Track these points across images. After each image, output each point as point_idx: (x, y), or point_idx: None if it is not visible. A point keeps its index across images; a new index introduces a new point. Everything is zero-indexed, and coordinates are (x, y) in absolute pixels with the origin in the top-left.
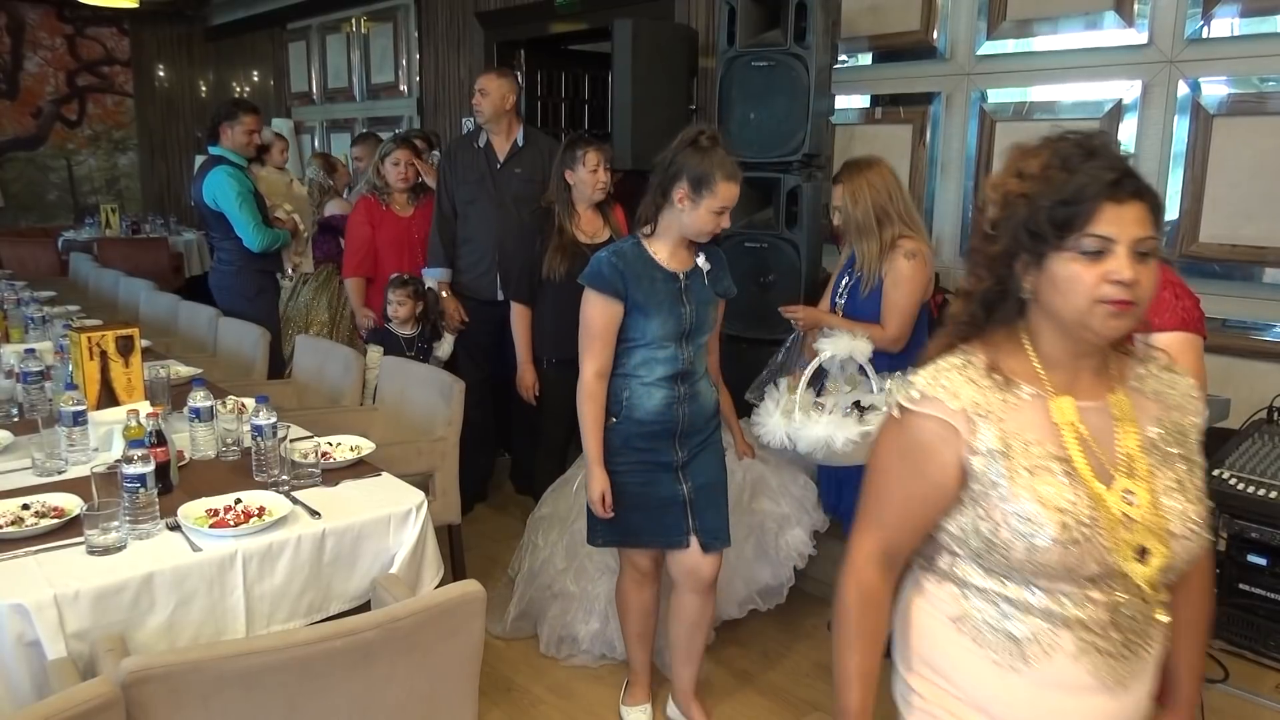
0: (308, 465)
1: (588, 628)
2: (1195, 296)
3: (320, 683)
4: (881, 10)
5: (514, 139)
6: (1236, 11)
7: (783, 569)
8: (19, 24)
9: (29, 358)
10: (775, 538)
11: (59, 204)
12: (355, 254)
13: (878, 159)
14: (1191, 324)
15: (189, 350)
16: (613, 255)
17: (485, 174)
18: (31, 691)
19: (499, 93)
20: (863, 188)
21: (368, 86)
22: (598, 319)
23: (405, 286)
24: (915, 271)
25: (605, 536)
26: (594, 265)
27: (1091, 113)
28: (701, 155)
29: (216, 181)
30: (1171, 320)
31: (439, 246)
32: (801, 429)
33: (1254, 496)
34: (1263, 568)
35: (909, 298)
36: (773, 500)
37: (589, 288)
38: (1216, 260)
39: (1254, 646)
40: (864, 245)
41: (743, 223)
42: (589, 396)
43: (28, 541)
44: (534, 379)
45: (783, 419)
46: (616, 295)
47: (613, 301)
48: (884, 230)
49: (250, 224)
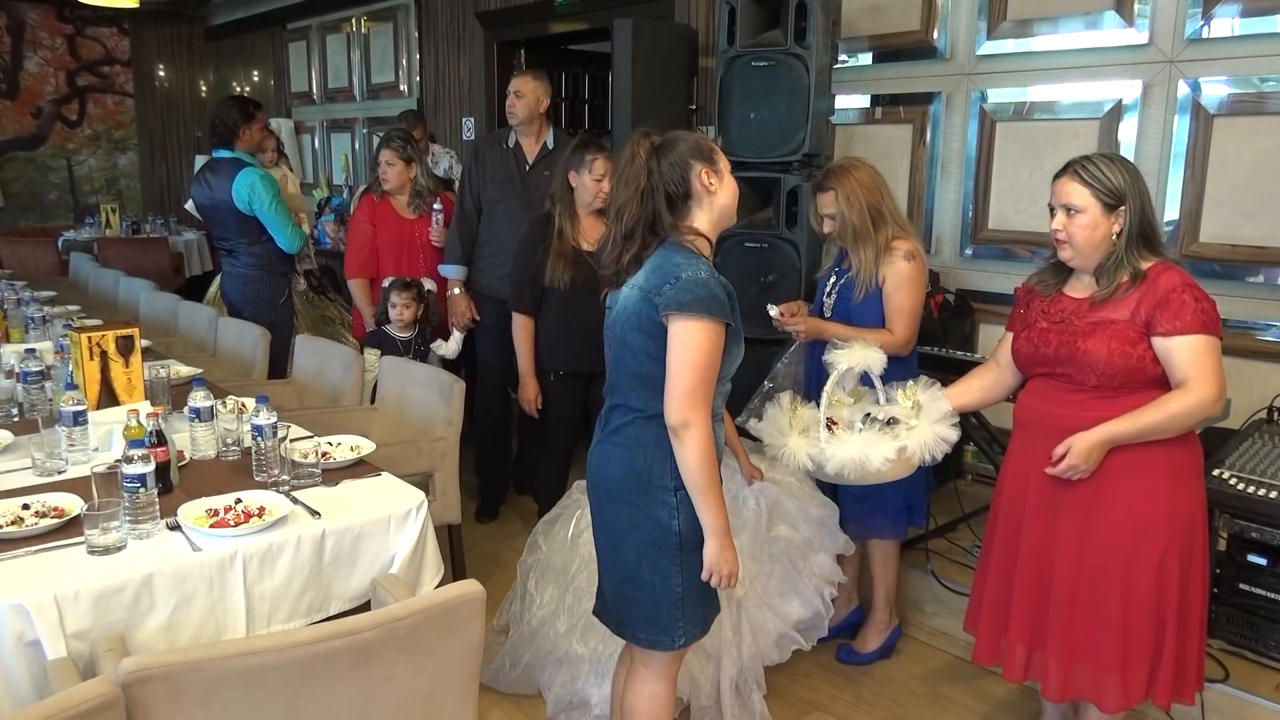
0: (308, 465)
1: (601, 691)
2: (1212, 299)
3: (320, 683)
4: (881, 10)
5: (544, 141)
6: (1236, 11)
7: (813, 599)
8: (19, 24)
9: (29, 358)
10: (800, 566)
11: (59, 204)
12: (358, 253)
13: (860, 160)
14: (1211, 326)
15: (189, 350)
16: (709, 272)
17: (514, 174)
18: (31, 691)
19: (534, 95)
20: (855, 190)
21: (368, 86)
22: (715, 354)
23: (409, 290)
24: (916, 272)
25: (700, 627)
26: (705, 290)
27: (1091, 113)
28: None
29: (249, 184)
30: (1194, 323)
31: (458, 244)
32: (829, 449)
33: (1254, 496)
34: (1263, 568)
35: (913, 299)
36: (791, 525)
37: (708, 319)
38: (1216, 260)
39: (1254, 646)
40: (861, 250)
41: (743, 223)
42: (711, 452)
43: (28, 541)
44: (536, 392)
45: (802, 440)
46: (728, 322)
47: (722, 329)
48: (879, 232)
49: (288, 226)
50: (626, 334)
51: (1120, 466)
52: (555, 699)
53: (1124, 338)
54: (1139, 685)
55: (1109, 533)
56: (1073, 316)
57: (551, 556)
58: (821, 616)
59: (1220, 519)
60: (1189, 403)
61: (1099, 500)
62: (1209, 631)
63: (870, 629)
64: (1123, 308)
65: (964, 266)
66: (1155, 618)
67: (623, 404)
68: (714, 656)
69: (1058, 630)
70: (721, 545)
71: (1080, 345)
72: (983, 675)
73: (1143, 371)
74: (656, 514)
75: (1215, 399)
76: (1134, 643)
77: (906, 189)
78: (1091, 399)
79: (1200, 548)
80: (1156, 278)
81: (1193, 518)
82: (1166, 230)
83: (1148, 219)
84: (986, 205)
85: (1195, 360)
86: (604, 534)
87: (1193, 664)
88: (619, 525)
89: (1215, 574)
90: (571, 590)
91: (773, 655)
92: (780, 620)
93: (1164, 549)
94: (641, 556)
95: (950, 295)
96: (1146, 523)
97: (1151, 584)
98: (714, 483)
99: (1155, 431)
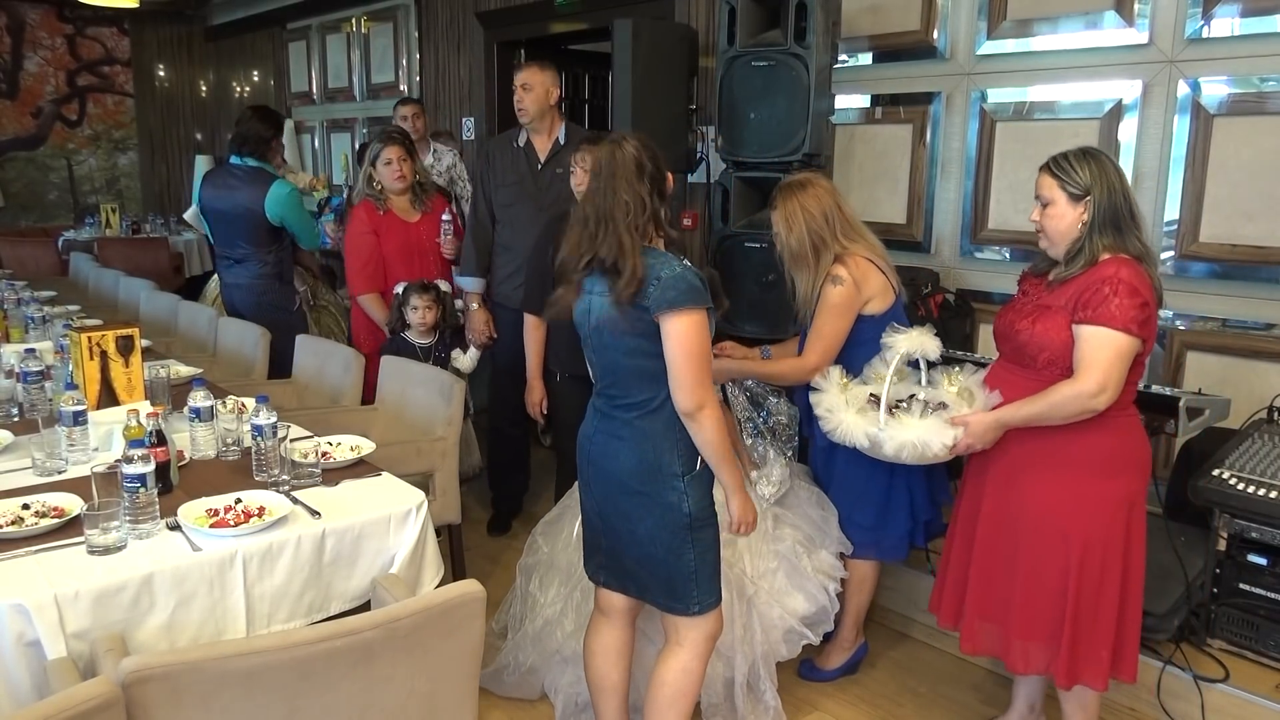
0: (308, 465)
1: None
2: (1145, 298)
3: (320, 683)
4: (881, 10)
5: (555, 137)
6: (1237, 11)
7: (818, 594)
8: (19, 24)
9: (29, 358)
10: (803, 562)
11: (59, 204)
12: (366, 266)
13: (814, 178)
14: (1121, 323)
15: (189, 350)
16: (681, 265)
17: (525, 175)
18: (31, 691)
19: (542, 86)
20: (796, 213)
21: (368, 86)
22: (709, 339)
23: (427, 292)
24: (842, 299)
25: (714, 597)
26: (686, 284)
27: (1091, 113)
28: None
29: (282, 197)
30: (1103, 315)
31: (473, 254)
32: (889, 430)
33: (1254, 496)
34: (1263, 568)
35: (832, 325)
36: (793, 525)
37: (696, 309)
38: (1216, 260)
39: (1254, 646)
40: (796, 274)
41: (743, 223)
42: (724, 425)
43: (28, 541)
44: (542, 396)
45: (860, 417)
46: (710, 306)
47: (707, 314)
48: (820, 258)
49: (311, 229)
50: (616, 339)
51: (1034, 449)
52: (564, 703)
53: (1053, 321)
54: (1039, 656)
55: (1014, 513)
56: (1030, 298)
57: (555, 556)
58: (827, 611)
59: (1220, 519)
60: (1066, 392)
61: (1011, 485)
62: (1209, 631)
63: (834, 647)
64: (1065, 294)
65: (964, 266)
66: (1058, 596)
67: (624, 401)
68: (724, 654)
69: (974, 590)
70: (743, 500)
71: (1017, 324)
72: (983, 675)
73: (1069, 357)
74: (667, 499)
75: (1093, 393)
76: (1034, 614)
77: (906, 189)
78: (1032, 380)
79: (1135, 536)
80: (1101, 267)
81: (1113, 509)
82: (1167, 230)
83: (1117, 209)
84: (986, 205)
85: (1089, 351)
86: (616, 519)
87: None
88: (631, 513)
89: (1215, 574)
90: (579, 589)
91: (782, 650)
92: (788, 615)
93: (1070, 534)
94: (655, 538)
95: (950, 295)
96: (1054, 503)
97: (1056, 562)
98: (730, 451)
99: (1039, 418)
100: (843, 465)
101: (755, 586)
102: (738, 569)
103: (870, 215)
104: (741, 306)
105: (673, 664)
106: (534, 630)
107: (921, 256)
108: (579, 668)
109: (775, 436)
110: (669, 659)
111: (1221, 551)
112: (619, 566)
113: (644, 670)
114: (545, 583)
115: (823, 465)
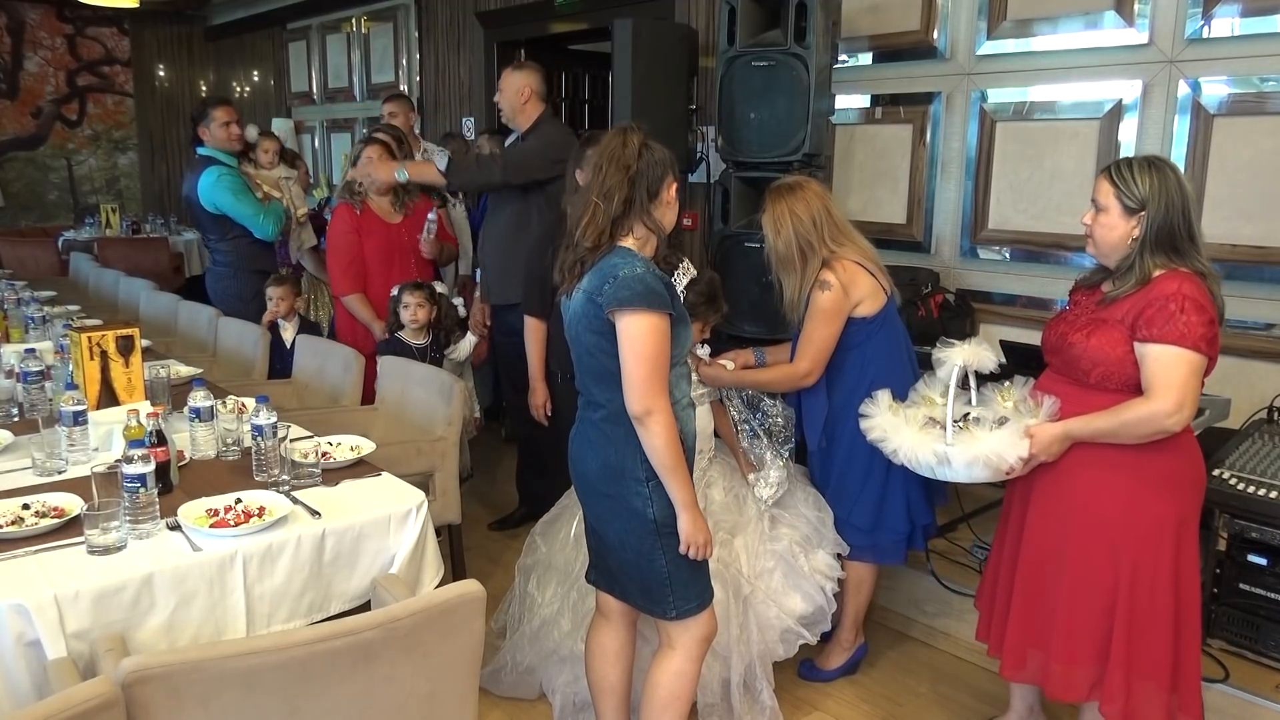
0: (308, 465)
1: None
2: (1210, 315)
3: (320, 683)
4: (881, 10)
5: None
6: (1237, 11)
7: (815, 594)
8: (19, 24)
9: (29, 358)
10: (800, 563)
11: (59, 204)
12: (349, 267)
13: (805, 182)
14: (1191, 340)
15: (189, 350)
16: (645, 267)
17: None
18: (31, 691)
19: (513, 89)
20: (784, 217)
21: (368, 86)
22: (663, 343)
23: (420, 290)
24: (831, 304)
25: (694, 602)
26: (642, 285)
27: (1092, 113)
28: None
29: (209, 183)
30: (1170, 333)
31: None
32: (958, 446)
33: (1254, 496)
34: (1263, 568)
35: (821, 331)
36: (790, 526)
37: (650, 311)
38: (1216, 260)
39: (1254, 646)
40: (784, 278)
41: (743, 223)
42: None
43: (28, 541)
44: (545, 398)
45: (923, 435)
46: (669, 312)
47: (666, 320)
48: (808, 263)
49: (255, 214)
50: (582, 335)
51: (1083, 463)
52: (561, 702)
53: (1109, 337)
54: (1083, 681)
55: (1061, 526)
56: (1082, 311)
57: (553, 556)
58: (824, 611)
59: (1220, 519)
60: (1141, 412)
61: (1059, 493)
62: (1209, 631)
63: (834, 647)
64: (1121, 309)
65: (964, 266)
66: (1104, 617)
67: (591, 401)
68: (721, 655)
69: (1016, 613)
70: (693, 518)
71: (1070, 338)
72: (983, 675)
73: (1124, 373)
74: (632, 504)
75: (1170, 413)
76: (1077, 636)
77: (906, 189)
78: (1085, 393)
79: (1187, 559)
80: (1158, 283)
81: (1161, 525)
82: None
83: (1174, 227)
84: (986, 205)
85: (1161, 370)
86: (593, 521)
87: (1185, 682)
88: (603, 515)
89: (1215, 574)
90: (576, 589)
91: (779, 650)
92: (785, 615)
93: (1119, 549)
94: (624, 542)
95: (950, 295)
96: (1099, 521)
97: (1103, 582)
98: (681, 463)
99: (1107, 434)
100: (839, 468)
101: (752, 586)
102: (734, 569)
103: (870, 215)
104: (741, 306)
105: (666, 667)
106: (531, 630)
107: (921, 256)
108: (576, 667)
109: (772, 439)
110: (662, 662)
111: (1221, 551)
112: (605, 567)
113: (642, 672)
114: (543, 582)
115: (819, 468)
